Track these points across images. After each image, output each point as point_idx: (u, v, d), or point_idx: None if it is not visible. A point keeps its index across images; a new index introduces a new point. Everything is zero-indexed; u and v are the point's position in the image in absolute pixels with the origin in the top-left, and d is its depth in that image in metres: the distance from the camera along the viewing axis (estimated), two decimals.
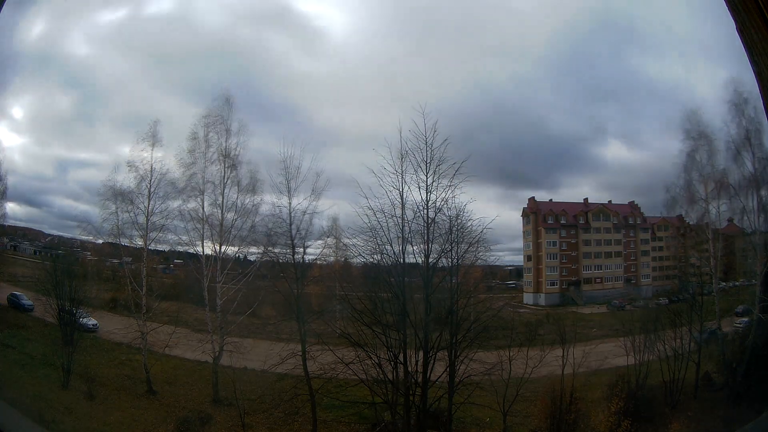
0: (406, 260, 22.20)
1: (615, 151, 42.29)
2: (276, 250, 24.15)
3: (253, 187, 25.01)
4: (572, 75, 38.22)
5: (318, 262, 27.57)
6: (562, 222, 36.32)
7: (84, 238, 28.60)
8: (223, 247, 24.64)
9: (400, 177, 21.62)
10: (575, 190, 45.94)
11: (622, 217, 36.89)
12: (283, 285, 23.40)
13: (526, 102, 38.24)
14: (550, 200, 37.09)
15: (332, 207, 24.82)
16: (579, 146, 39.77)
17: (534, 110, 38.17)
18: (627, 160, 40.05)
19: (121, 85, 32.13)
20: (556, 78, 38.68)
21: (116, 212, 23.98)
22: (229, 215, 24.75)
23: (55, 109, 29.71)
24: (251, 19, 38.78)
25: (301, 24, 38.70)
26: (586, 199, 37.14)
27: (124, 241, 24.88)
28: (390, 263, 22.32)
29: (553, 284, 35.94)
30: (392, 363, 20.69)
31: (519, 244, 36.66)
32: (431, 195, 21.72)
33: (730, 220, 25.81)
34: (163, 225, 24.50)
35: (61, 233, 33.32)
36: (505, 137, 38.14)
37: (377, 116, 38.72)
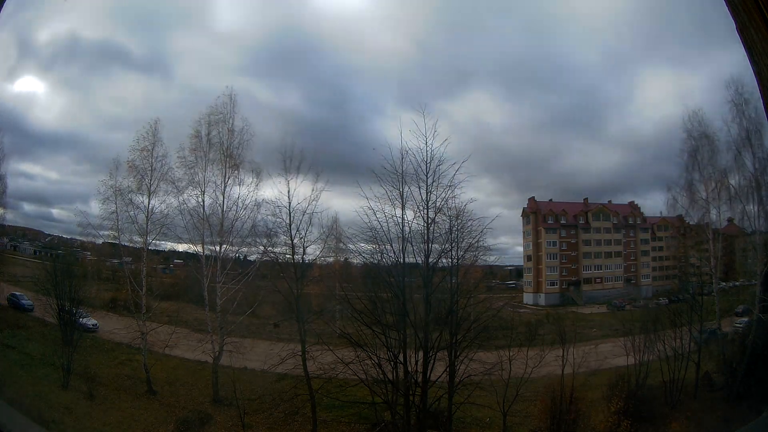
0: (406, 260, 22.23)
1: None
2: (276, 250, 24.16)
3: (255, 187, 25.02)
4: None
5: (318, 262, 27.53)
6: (562, 222, 36.33)
7: (78, 237, 28.49)
8: (223, 247, 24.66)
9: (400, 177, 21.66)
10: None
11: (622, 217, 36.90)
12: (283, 285, 23.37)
13: None
14: (550, 200, 37.17)
15: (332, 207, 24.82)
16: None
17: None
18: None
19: None
20: None
21: (116, 212, 23.98)
22: (230, 215, 24.77)
23: None
24: None
25: None
26: (586, 199, 37.23)
27: (124, 241, 24.88)
28: (390, 263, 22.34)
29: (553, 284, 35.95)
30: (392, 363, 20.63)
31: None
32: (431, 195, 21.79)
33: (731, 220, 25.81)
34: (164, 225, 24.52)
35: (60, 233, 33.37)
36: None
37: None
